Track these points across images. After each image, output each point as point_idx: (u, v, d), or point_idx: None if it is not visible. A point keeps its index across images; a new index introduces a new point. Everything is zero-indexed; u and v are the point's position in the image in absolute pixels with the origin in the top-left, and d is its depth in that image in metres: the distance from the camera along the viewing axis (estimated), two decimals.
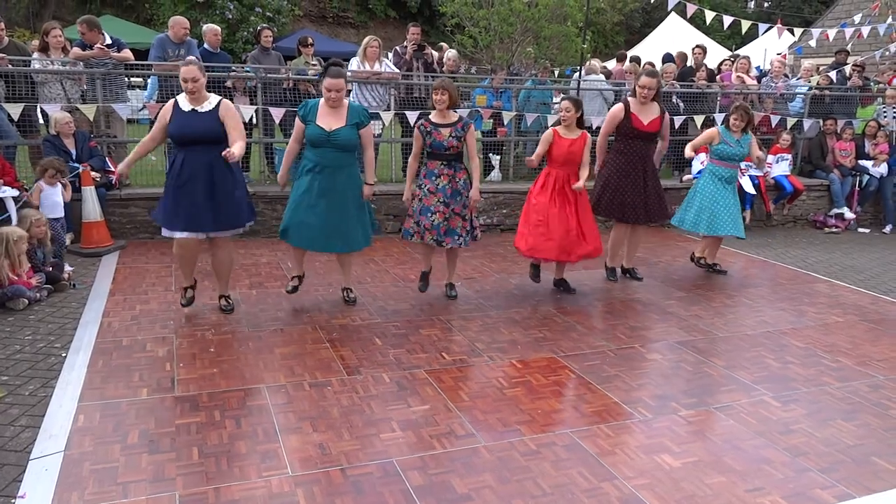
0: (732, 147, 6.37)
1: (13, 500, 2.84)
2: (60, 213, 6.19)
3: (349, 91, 9.47)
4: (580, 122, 5.63)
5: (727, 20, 11.57)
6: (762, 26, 12.24)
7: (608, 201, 6.10)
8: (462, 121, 5.32)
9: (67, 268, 5.72)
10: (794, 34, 13.97)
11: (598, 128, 6.60)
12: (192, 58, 5.29)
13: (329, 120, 4.88)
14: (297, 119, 5.01)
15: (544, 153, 5.60)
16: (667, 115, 6.13)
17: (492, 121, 9.01)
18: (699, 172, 9.02)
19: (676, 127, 9.17)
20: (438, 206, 5.26)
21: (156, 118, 5.12)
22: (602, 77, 10.00)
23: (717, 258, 6.91)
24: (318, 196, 4.92)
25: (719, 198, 6.41)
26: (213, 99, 4.72)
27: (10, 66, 6.88)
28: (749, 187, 9.00)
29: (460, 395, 3.94)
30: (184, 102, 4.69)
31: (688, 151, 6.28)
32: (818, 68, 11.88)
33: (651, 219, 6.21)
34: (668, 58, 10.78)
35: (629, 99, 6.05)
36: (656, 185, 6.15)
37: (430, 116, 5.35)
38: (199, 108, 4.66)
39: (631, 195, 6.03)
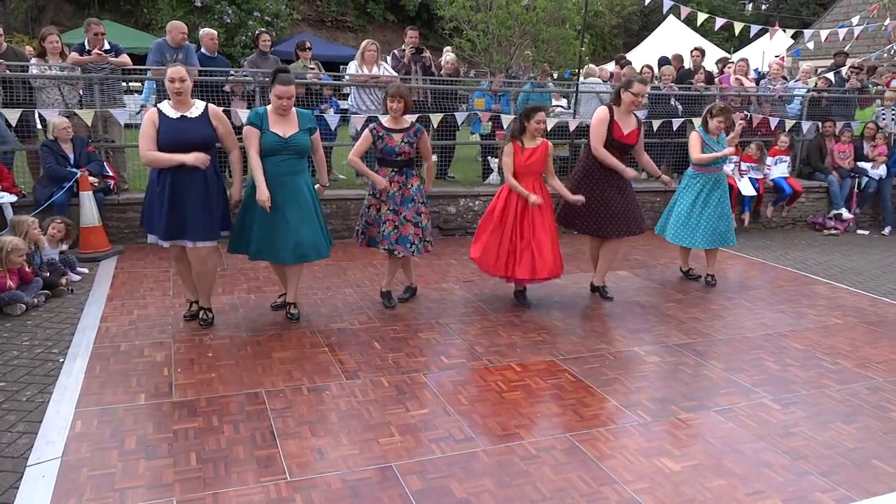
0: (716, 150, 6.17)
1: None
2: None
3: (347, 94, 9.49)
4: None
5: (719, 22, 11.60)
6: (754, 28, 12.26)
7: (572, 213, 5.70)
8: (415, 126, 5.26)
9: (81, 270, 5.93)
10: (785, 32, 13.98)
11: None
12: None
13: (282, 127, 4.70)
14: (249, 128, 4.70)
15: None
16: (642, 128, 5.79)
17: (490, 124, 9.02)
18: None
19: (675, 129, 9.19)
20: (388, 214, 5.17)
21: None
22: (600, 80, 10.02)
23: (690, 265, 6.71)
24: (282, 207, 4.70)
25: (697, 207, 6.19)
26: (199, 104, 4.63)
27: (7, 72, 6.88)
28: (749, 190, 9.01)
29: (459, 399, 3.93)
30: (169, 109, 4.54)
31: (703, 158, 6.08)
32: (816, 70, 11.89)
33: (617, 233, 5.71)
34: (664, 61, 10.79)
35: (613, 107, 5.64)
36: (628, 198, 5.69)
37: (382, 121, 5.25)
38: (187, 114, 4.55)
39: (596, 208, 5.60)
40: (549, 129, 8.10)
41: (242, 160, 4.89)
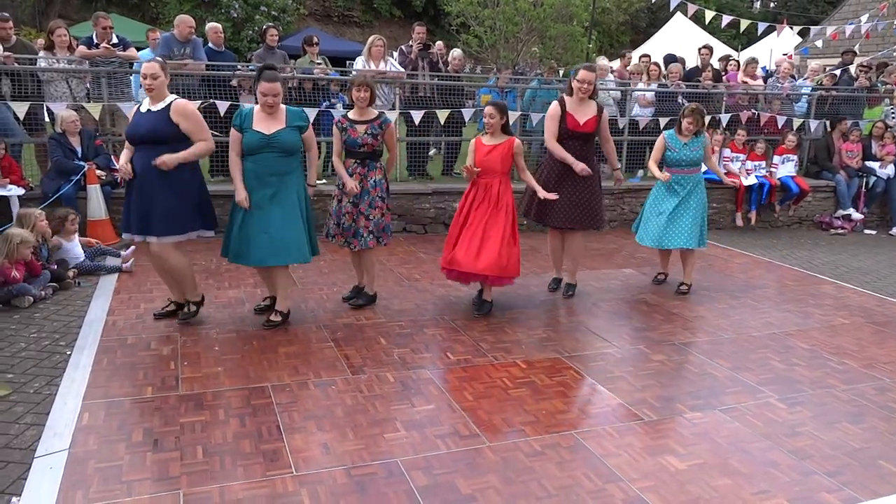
0: (676, 152, 5.94)
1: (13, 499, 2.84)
2: (81, 256, 5.97)
3: None
4: (505, 129, 5.24)
5: (726, 19, 11.55)
6: (761, 26, 12.20)
7: (536, 205, 5.63)
8: (381, 118, 5.11)
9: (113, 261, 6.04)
10: (792, 29, 13.91)
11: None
12: (156, 58, 4.96)
13: (267, 124, 4.59)
14: (232, 130, 4.65)
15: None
16: (605, 114, 5.64)
17: None
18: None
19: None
20: (348, 206, 5.07)
21: None
22: (612, 79, 9.98)
23: (692, 269, 6.32)
24: (264, 207, 4.60)
25: (666, 209, 5.97)
26: (168, 99, 4.48)
27: (16, 65, 6.90)
28: (753, 181, 8.99)
29: (465, 395, 3.93)
30: (145, 104, 4.53)
31: (652, 168, 6.05)
32: (825, 68, 11.84)
33: (576, 225, 5.65)
34: (670, 58, 10.75)
35: (565, 97, 5.56)
36: (591, 189, 5.62)
37: (348, 113, 5.14)
38: (153, 108, 4.47)
39: (562, 199, 5.47)
40: None
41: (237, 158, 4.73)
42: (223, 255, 4.82)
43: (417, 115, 8.15)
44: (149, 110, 4.48)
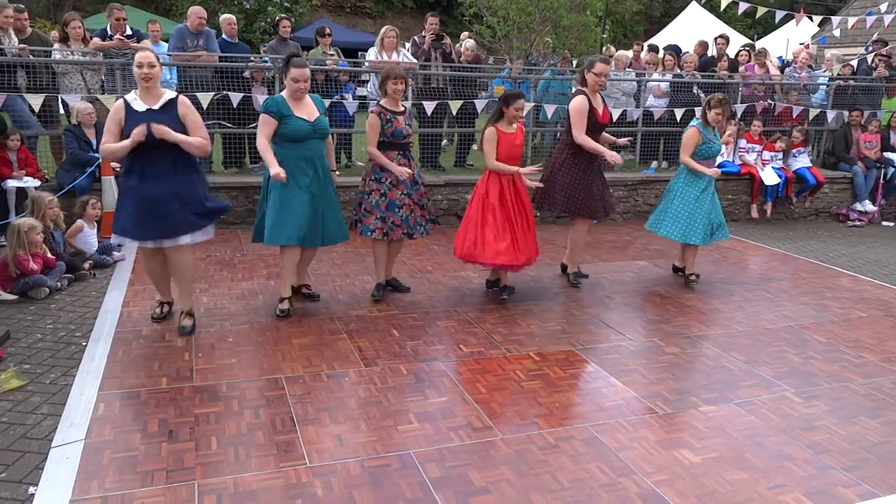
0: (715, 143, 5.85)
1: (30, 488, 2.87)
2: (95, 246, 6.01)
3: (366, 81, 9.46)
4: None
5: (742, 6, 11.39)
6: (779, 14, 12.02)
7: (550, 196, 5.65)
8: (407, 109, 5.27)
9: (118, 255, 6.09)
10: (812, 20, 13.70)
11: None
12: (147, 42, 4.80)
13: (306, 111, 4.71)
14: (266, 117, 4.63)
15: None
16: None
17: None
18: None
19: (697, 116, 9.05)
20: (403, 198, 5.12)
21: None
22: (632, 71, 9.89)
23: (693, 264, 6.22)
24: (315, 191, 4.74)
25: (699, 203, 5.80)
26: (168, 94, 4.29)
27: (31, 57, 6.93)
28: (773, 178, 8.89)
29: (478, 387, 3.92)
30: (136, 102, 4.21)
31: (691, 163, 5.76)
32: (842, 58, 11.67)
33: (596, 213, 5.76)
34: (676, 50, 10.64)
35: (583, 90, 5.54)
36: (603, 181, 5.79)
37: (382, 104, 5.12)
38: (154, 107, 4.20)
39: (595, 190, 5.63)
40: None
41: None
42: (271, 242, 4.72)
43: (430, 107, 8.12)
44: (149, 109, 4.19)
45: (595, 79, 5.46)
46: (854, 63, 10.70)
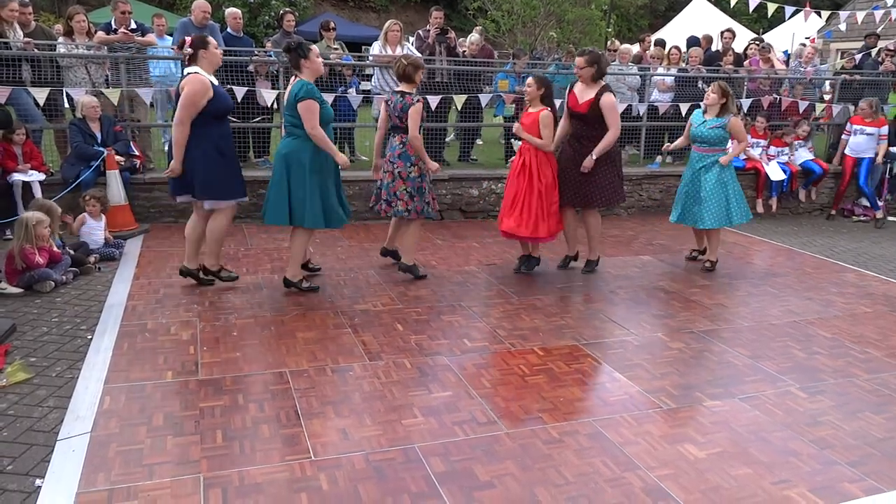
0: (696, 127, 6.15)
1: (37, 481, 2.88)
2: (100, 242, 6.02)
3: (370, 75, 9.44)
4: (544, 100, 5.59)
5: (752, 2, 11.33)
6: (788, 10, 11.96)
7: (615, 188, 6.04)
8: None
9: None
10: (820, 16, 13.62)
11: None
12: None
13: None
14: (314, 104, 4.77)
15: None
16: (603, 99, 5.60)
17: (514, 106, 8.94)
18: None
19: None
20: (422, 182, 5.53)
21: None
22: (633, 65, 9.85)
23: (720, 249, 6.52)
24: (334, 174, 5.12)
25: (694, 188, 6.20)
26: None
27: (35, 51, 6.93)
28: (778, 173, 8.86)
29: (482, 381, 3.93)
30: (211, 77, 4.87)
31: (679, 141, 6.48)
32: (842, 54, 11.62)
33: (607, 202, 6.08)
34: (693, 41, 10.59)
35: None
36: (602, 170, 5.86)
37: (405, 90, 5.42)
38: (215, 81, 4.90)
39: (600, 180, 5.90)
40: None
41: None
42: (329, 225, 5.10)
43: (434, 101, 8.10)
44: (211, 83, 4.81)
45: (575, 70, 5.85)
46: (857, 57, 10.64)
